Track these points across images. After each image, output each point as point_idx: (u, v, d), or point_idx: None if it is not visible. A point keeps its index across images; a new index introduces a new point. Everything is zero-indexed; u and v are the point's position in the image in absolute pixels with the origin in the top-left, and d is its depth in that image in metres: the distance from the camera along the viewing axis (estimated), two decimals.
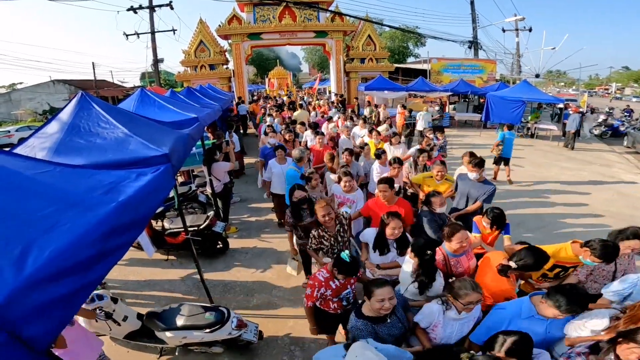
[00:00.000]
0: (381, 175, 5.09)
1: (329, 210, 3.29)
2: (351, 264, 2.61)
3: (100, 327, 3.17)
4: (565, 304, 2.09)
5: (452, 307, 2.38)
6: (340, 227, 3.49)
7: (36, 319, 1.02)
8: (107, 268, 1.45)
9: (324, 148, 6.68)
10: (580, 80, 35.02)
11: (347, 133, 7.81)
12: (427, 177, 4.88)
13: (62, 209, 1.39)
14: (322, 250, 3.46)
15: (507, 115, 12.55)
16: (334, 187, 4.70)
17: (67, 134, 2.65)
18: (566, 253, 2.88)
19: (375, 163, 5.61)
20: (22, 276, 1.05)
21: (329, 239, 3.42)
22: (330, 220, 3.32)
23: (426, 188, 4.74)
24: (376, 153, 5.63)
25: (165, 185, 2.36)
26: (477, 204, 4.32)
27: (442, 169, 4.69)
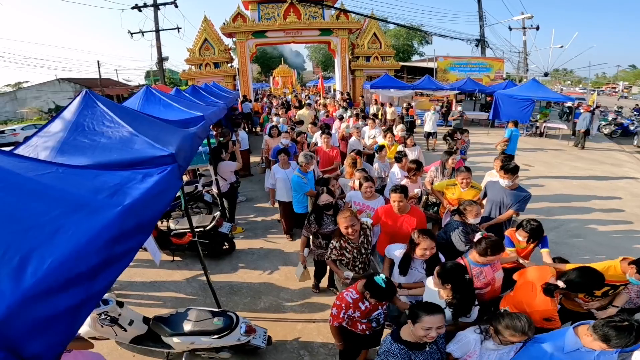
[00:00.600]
0: (402, 180, 4.89)
1: (353, 221, 3.02)
2: (387, 290, 2.36)
3: (106, 332, 3.08)
4: (615, 337, 1.88)
5: (490, 337, 2.20)
6: (365, 238, 3.24)
7: (38, 334, 0.93)
8: (114, 276, 1.35)
9: (332, 149, 6.35)
10: (587, 78, 34.62)
11: (357, 134, 7.38)
12: (450, 185, 4.50)
13: (66, 213, 1.29)
14: (342, 262, 3.23)
15: (516, 114, 12.31)
16: (352, 194, 4.34)
17: (71, 133, 2.56)
18: (615, 271, 2.71)
19: (395, 167, 5.25)
20: (21, 289, 0.96)
21: (352, 251, 3.17)
22: (355, 232, 3.05)
23: (449, 196, 4.46)
24: (397, 156, 5.26)
25: (172, 186, 2.25)
26: (509, 212, 4.01)
27: (467, 176, 4.29)
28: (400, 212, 3.54)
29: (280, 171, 5.28)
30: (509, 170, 4.01)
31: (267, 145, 7.67)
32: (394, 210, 3.56)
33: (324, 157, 6.13)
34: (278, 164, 5.37)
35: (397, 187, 3.57)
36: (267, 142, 7.77)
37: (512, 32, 27.69)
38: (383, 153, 5.80)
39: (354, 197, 4.24)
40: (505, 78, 22.79)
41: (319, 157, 6.32)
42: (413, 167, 4.70)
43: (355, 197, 4.23)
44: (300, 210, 5.10)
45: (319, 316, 3.95)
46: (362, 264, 3.26)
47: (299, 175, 4.87)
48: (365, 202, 4.11)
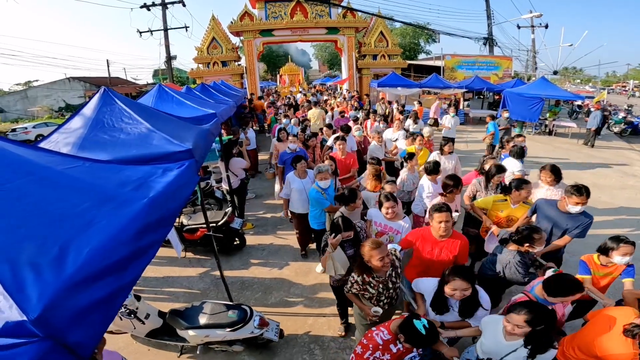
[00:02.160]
0: (434, 196, 4.20)
1: (385, 251, 2.51)
2: (428, 336, 1.99)
3: (124, 325, 3.15)
4: None
5: None
6: (393, 270, 2.73)
7: (79, 323, 0.96)
8: (142, 267, 1.39)
9: (348, 156, 5.63)
10: (597, 77, 34.18)
11: (379, 139, 6.45)
12: (499, 201, 3.86)
13: (96, 205, 1.34)
14: (364, 296, 2.79)
15: (524, 112, 12.28)
16: (373, 212, 3.73)
17: (91, 130, 2.62)
18: None
19: (425, 179, 4.49)
20: (63, 277, 1.00)
21: (377, 286, 2.67)
22: (387, 266, 2.55)
23: (495, 214, 3.85)
24: (428, 167, 4.45)
25: (190, 181, 2.30)
26: (566, 238, 3.40)
27: (529, 190, 3.67)
28: (441, 237, 2.99)
29: (296, 180, 4.70)
30: (581, 193, 3.25)
31: (276, 149, 6.96)
32: (434, 234, 3.00)
33: (339, 166, 5.45)
34: (294, 172, 4.77)
35: (442, 205, 2.99)
36: (275, 146, 7.07)
37: (520, 31, 27.47)
38: (414, 162, 4.98)
39: (375, 216, 3.68)
40: (513, 76, 22.62)
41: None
42: (450, 184, 3.79)
43: (376, 217, 3.67)
44: (316, 226, 4.52)
45: (329, 311, 3.98)
46: (388, 299, 2.77)
47: (318, 190, 4.26)
48: (387, 223, 3.55)
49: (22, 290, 0.89)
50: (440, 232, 2.91)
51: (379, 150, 6.37)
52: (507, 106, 13.06)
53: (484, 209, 3.98)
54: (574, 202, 3.27)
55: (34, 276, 0.94)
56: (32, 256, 1.01)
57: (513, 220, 3.79)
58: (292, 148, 5.90)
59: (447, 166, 5.38)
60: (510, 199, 3.76)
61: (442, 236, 2.96)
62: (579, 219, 3.35)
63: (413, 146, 5.85)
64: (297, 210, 4.76)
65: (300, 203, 4.69)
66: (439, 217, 2.89)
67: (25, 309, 0.84)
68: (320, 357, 3.42)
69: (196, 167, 2.53)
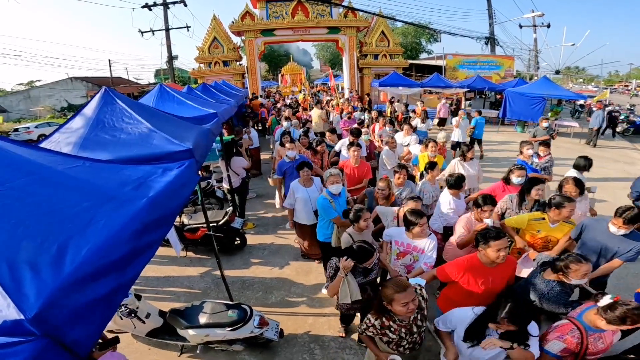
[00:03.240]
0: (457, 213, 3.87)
1: (411, 295, 2.08)
2: None
3: (124, 324, 3.17)
4: None
5: None
6: (419, 312, 2.30)
7: (78, 321, 0.97)
8: (142, 266, 1.40)
9: (362, 164, 5.07)
10: (600, 76, 34.07)
11: (393, 144, 5.88)
12: (535, 220, 3.35)
13: (97, 205, 1.34)
14: (381, 340, 2.40)
15: (526, 112, 12.27)
16: (393, 232, 3.35)
17: (92, 129, 2.63)
18: None
19: (446, 193, 3.98)
20: (61, 276, 1.01)
21: (397, 331, 2.27)
22: (411, 312, 2.13)
23: (531, 234, 3.38)
24: (451, 181, 3.92)
25: (190, 181, 2.31)
26: (614, 262, 3.06)
27: (572, 208, 3.16)
28: (494, 264, 2.59)
29: (300, 189, 4.35)
30: (630, 220, 2.93)
31: (279, 155, 6.36)
32: (485, 262, 2.60)
33: (351, 175, 4.88)
34: (298, 180, 4.42)
35: (500, 231, 2.63)
36: (278, 151, 6.47)
37: (522, 30, 27.41)
38: (435, 173, 4.51)
39: (396, 235, 3.28)
40: (515, 76, 22.58)
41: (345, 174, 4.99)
42: (487, 211, 3.34)
43: (397, 235, 3.27)
44: (322, 237, 4.12)
45: (329, 310, 3.98)
46: (411, 344, 2.37)
47: (327, 197, 3.85)
48: (412, 242, 3.16)
49: (19, 289, 0.90)
50: (498, 260, 2.51)
51: (391, 158, 5.81)
52: (509, 105, 13.04)
53: (515, 229, 3.52)
54: (619, 226, 2.98)
55: (32, 275, 0.95)
56: (31, 255, 1.01)
57: (551, 241, 3.35)
58: (290, 156, 5.29)
59: (470, 173, 5.00)
60: (549, 217, 3.29)
61: (495, 264, 2.58)
62: (631, 243, 3.01)
63: (425, 153, 5.35)
64: (302, 221, 4.45)
65: (305, 213, 4.36)
66: (498, 244, 2.47)
67: (22, 308, 0.85)
68: (320, 356, 3.42)
69: (196, 166, 2.54)
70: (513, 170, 4.29)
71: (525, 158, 5.44)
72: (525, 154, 5.45)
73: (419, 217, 3.06)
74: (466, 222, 3.45)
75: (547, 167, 5.45)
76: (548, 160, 5.49)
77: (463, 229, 3.43)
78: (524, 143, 5.57)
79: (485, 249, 2.54)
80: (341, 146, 6.29)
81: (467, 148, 5.27)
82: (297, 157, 5.29)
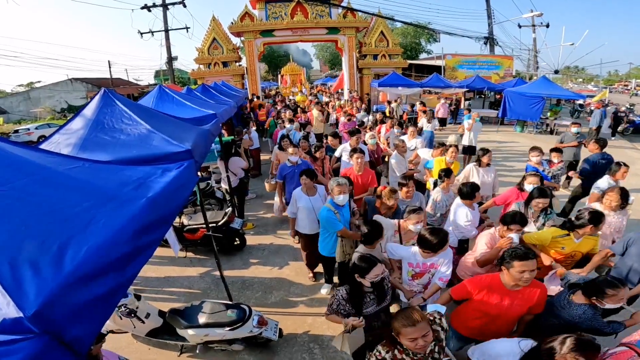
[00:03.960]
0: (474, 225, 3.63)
1: (424, 330, 1.83)
2: None
3: (124, 324, 3.18)
4: None
5: None
6: (436, 344, 2.03)
7: (78, 319, 0.98)
8: (140, 265, 1.41)
9: (365, 173, 4.70)
10: (599, 76, 34.11)
11: (403, 148, 5.51)
12: (560, 237, 3.10)
13: (97, 205, 1.36)
14: None
15: (525, 112, 12.31)
16: (402, 251, 3.05)
17: (92, 131, 2.65)
18: None
19: (460, 204, 3.70)
20: (62, 274, 1.02)
21: None
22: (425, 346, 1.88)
23: (555, 251, 3.13)
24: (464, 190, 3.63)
25: (189, 181, 2.33)
26: None
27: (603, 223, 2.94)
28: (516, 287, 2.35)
29: (303, 198, 4.11)
30: None
31: (277, 159, 6.21)
32: (506, 284, 2.36)
33: (354, 184, 4.48)
34: (300, 188, 4.16)
35: (528, 252, 2.35)
36: (277, 155, 6.24)
37: (521, 30, 27.45)
38: (450, 180, 4.20)
39: (408, 257, 2.96)
40: (514, 76, 22.62)
41: None
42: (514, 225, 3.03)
43: (410, 257, 2.95)
44: (325, 252, 3.92)
45: None
46: None
47: (331, 209, 3.56)
48: (426, 261, 2.89)
49: (19, 287, 0.91)
50: (521, 282, 2.27)
51: (401, 164, 5.42)
52: (508, 105, 13.04)
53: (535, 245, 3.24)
54: None
55: (32, 274, 0.96)
56: (32, 254, 1.03)
57: (576, 256, 3.16)
58: (292, 161, 5.08)
59: (485, 180, 4.68)
60: (574, 233, 3.07)
61: (518, 286, 2.34)
62: None
63: (442, 158, 5.00)
64: (304, 230, 4.22)
65: (307, 223, 4.15)
66: (522, 266, 2.22)
67: (22, 306, 0.86)
68: (319, 356, 3.43)
69: (195, 167, 2.56)
70: (526, 176, 4.14)
71: (534, 165, 5.17)
72: (533, 161, 5.16)
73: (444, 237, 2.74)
74: (489, 239, 3.15)
75: (558, 174, 5.25)
76: (560, 167, 5.31)
77: (485, 245, 3.13)
78: (534, 149, 5.25)
79: (508, 268, 2.30)
80: (342, 151, 5.87)
81: (482, 152, 4.92)
82: (300, 162, 5.11)
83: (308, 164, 5.18)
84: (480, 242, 3.23)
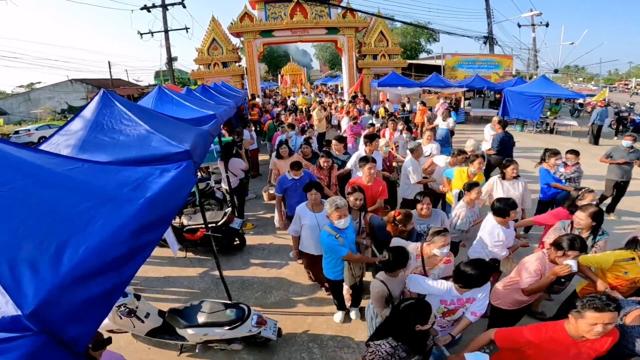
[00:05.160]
0: (507, 245, 3.29)
1: None
2: None
3: (124, 324, 3.20)
4: None
5: None
6: None
7: (75, 319, 0.99)
8: (138, 265, 1.43)
9: (375, 184, 4.23)
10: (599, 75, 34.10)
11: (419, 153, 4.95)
12: (623, 260, 2.79)
13: (96, 205, 1.38)
14: None
15: (525, 111, 12.32)
16: (431, 288, 2.58)
17: (91, 132, 2.66)
18: None
19: (493, 222, 3.28)
20: (59, 274, 1.03)
21: None
22: None
23: (616, 275, 2.82)
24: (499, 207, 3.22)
25: (188, 182, 2.34)
26: None
27: None
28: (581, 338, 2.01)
29: (308, 215, 3.69)
30: None
31: (276, 168, 5.62)
32: (573, 334, 2.02)
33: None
34: (305, 204, 3.77)
35: (610, 301, 1.88)
36: (275, 164, 5.64)
37: (521, 29, 27.46)
38: (476, 195, 3.74)
39: (442, 295, 2.55)
40: (514, 75, 22.62)
41: None
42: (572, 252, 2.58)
43: (443, 295, 2.54)
44: (332, 276, 3.54)
45: (328, 310, 4.01)
46: None
47: (332, 233, 3.15)
48: (462, 296, 2.52)
49: (18, 286, 0.92)
50: (590, 335, 1.91)
51: (417, 170, 4.82)
52: (507, 105, 13.04)
53: (591, 268, 2.92)
54: None
55: (30, 273, 0.98)
56: (30, 254, 1.04)
57: (638, 282, 2.84)
58: (293, 175, 4.54)
59: (512, 194, 4.15)
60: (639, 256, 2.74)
61: (585, 337, 1.98)
62: None
63: (464, 168, 4.49)
64: (309, 250, 3.82)
65: (312, 242, 3.73)
66: (598, 319, 1.86)
67: (20, 304, 0.87)
68: (318, 355, 3.45)
69: (194, 167, 2.57)
70: (583, 194, 3.53)
71: (550, 167, 4.93)
72: (551, 163, 4.88)
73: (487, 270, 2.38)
74: (538, 264, 2.72)
75: (573, 178, 4.92)
76: (575, 170, 4.97)
77: (534, 272, 2.71)
78: (553, 154, 4.91)
79: (577, 318, 1.94)
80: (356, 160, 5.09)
81: (507, 163, 4.35)
82: (302, 173, 4.56)
83: (312, 175, 4.69)
84: (528, 268, 2.76)
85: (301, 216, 3.73)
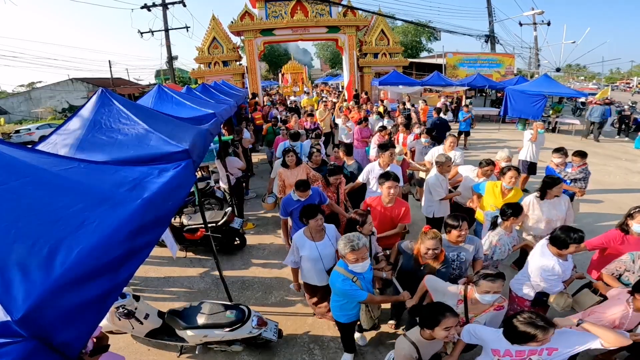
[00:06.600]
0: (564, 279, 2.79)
1: None
2: None
3: (123, 325, 3.17)
4: None
5: None
6: None
7: (67, 323, 0.96)
8: (135, 267, 1.40)
9: (397, 204, 3.64)
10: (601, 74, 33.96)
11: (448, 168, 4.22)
12: None
13: (91, 206, 1.34)
14: None
15: (527, 110, 12.25)
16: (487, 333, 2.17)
17: (89, 131, 2.64)
18: None
19: (549, 255, 2.73)
20: (51, 278, 1.00)
21: None
22: None
23: None
24: (560, 239, 2.66)
25: (186, 181, 2.31)
26: None
27: None
28: None
29: (307, 244, 3.17)
30: None
31: (282, 180, 4.88)
32: None
33: (381, 218, 3.61)
34: (303, 231, 3.25)
35: None
36: (280, 175, 4.90)
37: (522, 28, 27.33)
38: (520, 220, 3.27)
39: (492, 341, 2.11)
40: (516, 74, 22.53)
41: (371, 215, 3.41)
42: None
43: (494, 342, 2.10)
44: (344, 319, 2.94)
45: None
46: None
47: (347, 276, 2.58)
48: (523, 348, 2.00)
49: (8, 291, 0.90)
50: None
51: (442, 186, 4.17)
52: (509, 103, 12.98)
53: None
54: None
55: (20, 277, 0.95)
56: (21, 257, 1.01)
57: None
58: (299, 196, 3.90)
59: (552, 216, 3.65)
60: None
61: None
62: None
63: (497, 182, 3.88)
64: (312, 281, 3.35)
65: (315, 274, 3.26)
66: None
67: (9, 310, 0.85)
68: (319, 356, 3.42)
69: (193, 167, 2.54)
70: (634, 214, 2.96)
71: (556, 166, 4.76)
72: (555, 162, 4.76)
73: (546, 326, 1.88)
74: (622, 315, 2.29)
75: (579, 179, 4.75)
76: (581, 171, 4.80)
77: (614, 323, 2.30)
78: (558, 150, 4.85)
79: None
80: (368, 175, 4.50)
81: (551, 182, 3.62)
82: (311, 192, 3.93)
83: (320, 192, 4.09)
84: (606, 314, 2.36)
85: (299, 247, 3.20)
